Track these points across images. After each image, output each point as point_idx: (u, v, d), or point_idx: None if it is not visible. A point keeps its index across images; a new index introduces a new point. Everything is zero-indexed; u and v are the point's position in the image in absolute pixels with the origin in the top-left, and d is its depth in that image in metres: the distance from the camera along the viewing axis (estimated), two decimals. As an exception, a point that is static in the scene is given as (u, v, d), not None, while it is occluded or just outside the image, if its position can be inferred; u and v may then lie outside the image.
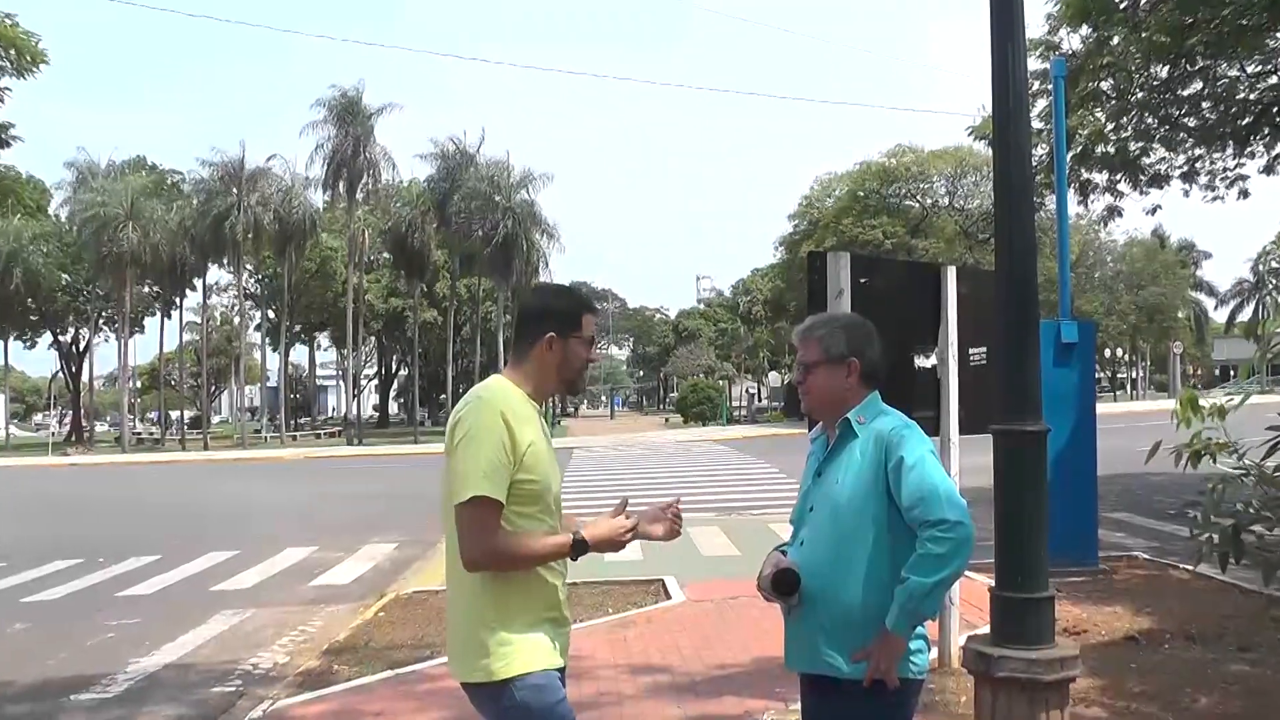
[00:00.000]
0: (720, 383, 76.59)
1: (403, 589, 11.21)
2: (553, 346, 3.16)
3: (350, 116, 54.09)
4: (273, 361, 72.43)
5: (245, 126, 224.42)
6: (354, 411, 60.02)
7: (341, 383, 77.63)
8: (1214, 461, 5.22)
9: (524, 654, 3.01)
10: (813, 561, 3.16)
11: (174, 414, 73.82)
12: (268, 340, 67.72)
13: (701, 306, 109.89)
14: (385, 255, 66.00)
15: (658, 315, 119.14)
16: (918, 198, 56.62)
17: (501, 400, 3.04)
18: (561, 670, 3.12)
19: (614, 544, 3.19)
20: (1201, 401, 5.09)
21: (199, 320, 66.81)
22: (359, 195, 56.37)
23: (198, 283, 61.94)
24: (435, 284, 66.32)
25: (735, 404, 78.47)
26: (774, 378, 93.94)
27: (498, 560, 2.99)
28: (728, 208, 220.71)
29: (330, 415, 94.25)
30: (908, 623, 3.02)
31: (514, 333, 3.32)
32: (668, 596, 9.96)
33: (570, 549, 3.07)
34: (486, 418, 2.99)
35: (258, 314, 70.47)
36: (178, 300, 64.05)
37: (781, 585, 3.15)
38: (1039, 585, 4.00)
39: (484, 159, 57.12)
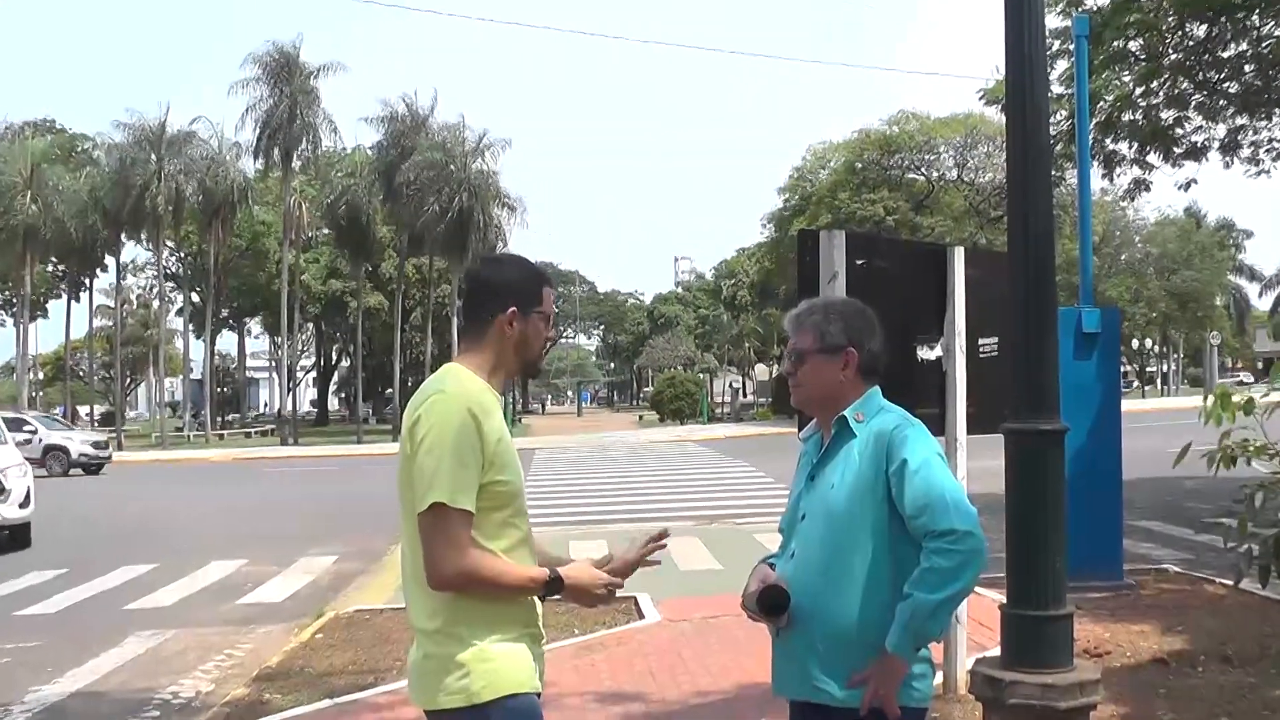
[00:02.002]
0: (700, 376, 76.76)
1: (343, 607, 11.16)
2: (513, 324, 3.13)
3: (287, 75, 53.84)
4: (197, 351, 72.10)
5: (168, 88, 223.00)
6: (289, 407, 59.76)
7: (275, 375, 77.36)
8: (1249, 464, 5.25)
9: (509, 672, 2.97)
10: (804, 576, 3.16)
11: (83, 409, 73.30)
12: (191, 327, 67.27)
13: (680, 291, 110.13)
14: (325, 231, 65.69)
15: (631, 300, 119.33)
16: (922, 170, 56.72)
17: (466, 393, 3.00)
18: (539, 696, 3.10)
19: (589, 597, 3.15)
20: (1235, 397, 5.11)
21: (111, 304, 66.34)
22: (296, 163, 56.14)
23: (110, 261, 61.52)
24: (381, 264, 66.07)
25: (717, 400, 78.61)
26: (761, 370, 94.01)
27: (468, 581, 2.94)
28: (710, 180, 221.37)
29: (262, 411, 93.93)
30: (910, 644, 3.02)
31: (464, 312, 3.28)
32: (641, 616, 9.93)
33: (544, 586, 3.03)
34: (452, 415, 2.95)
35: (179, 297, 70.05)
36: (87, 281, 63.59)
37: (768, 602, 3.14)
38: (1056, 602, 4.03)
39: (437, 123, 57.00)
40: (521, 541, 3.09)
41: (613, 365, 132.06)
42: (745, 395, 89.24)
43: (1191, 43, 16.93)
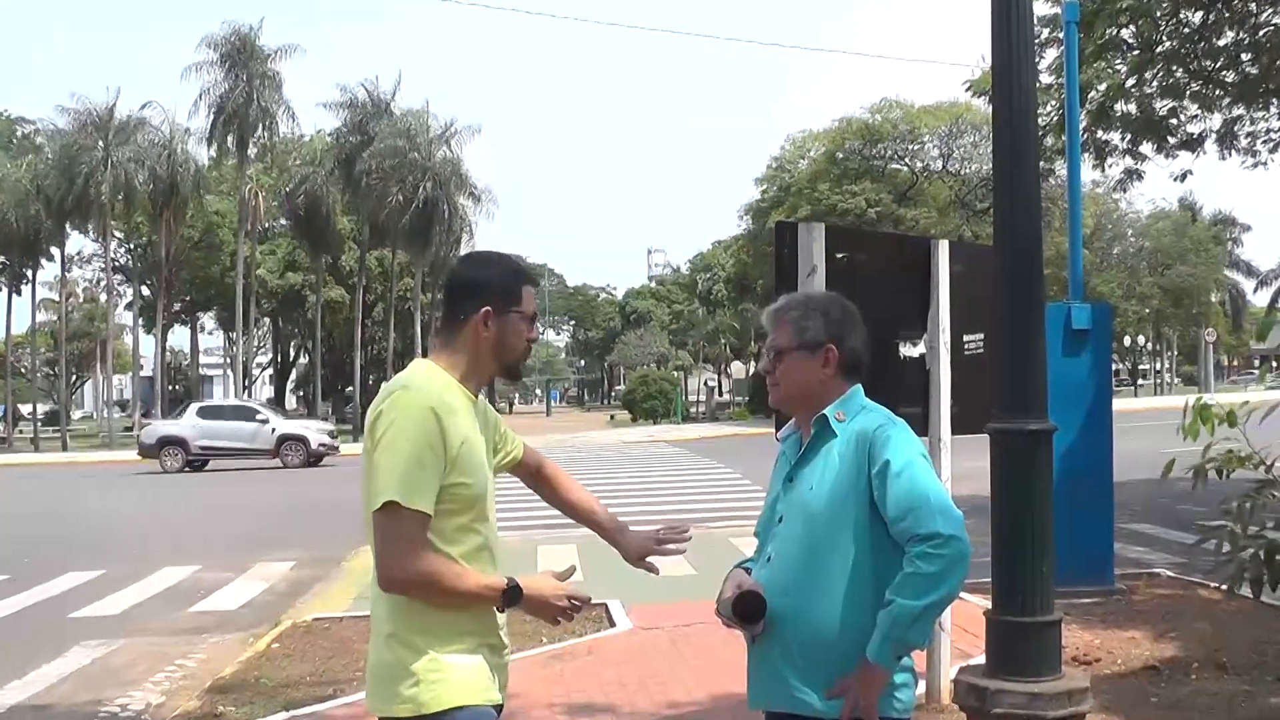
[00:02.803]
0: (675, 374, 76.81)
1: (301, 615, 11.11)
2: (489, 324, 3.12)
3: (243, 58, 53.55)
4: (147, 346, 71.78)
5: (117, 72, 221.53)
6: (244, 406, 59.46)
7: (229, 372, 76.82)
8: (1224, 477, 5.25)
9: (459, 684, 2.98)
10: (782, 581, 3.16)
11: (25, 408, 72.71)
12: (141, 321, 66.88)
13: (653, 285, 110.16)
14: (282, 222, 65.50)
15: (602, 295, 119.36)
16: (906, 160, 56.99)
17: (429, 391, 3.01)
18: (499, 709, 3.10)
19: (548, 610, 3.14)
20: (1216, 403, 5.11)
21: (56, 297, 65.85)
22: (252, 151, 55.87)
23: (55, 252, 61.04)
24: (341, 256, 65.85)
25: (692, 399, 78.69)
26: (738, 368, 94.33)
27: (419, 585, 2.94)
28: (686, 171, 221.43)
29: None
30: (892, 652, 3.02)
31: (442, 310, 3.29)
32: (611, 623, 9.97)
33: (501, 596, 3.03)
34: (413, 412, 2.95)
35: (129, 290, 69.63)
36: (29, 273, 63.09)
37: (744, 609, 3.15)
38: (1043, 607, 4.05)
39: (400, 109, 56.83)
40: (483, 547, 3.09)
41: (583, 362, 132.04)
42: (721, 394, 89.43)
43: (1186, 30, 16.97)
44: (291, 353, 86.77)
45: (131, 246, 68.15)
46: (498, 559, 3.15)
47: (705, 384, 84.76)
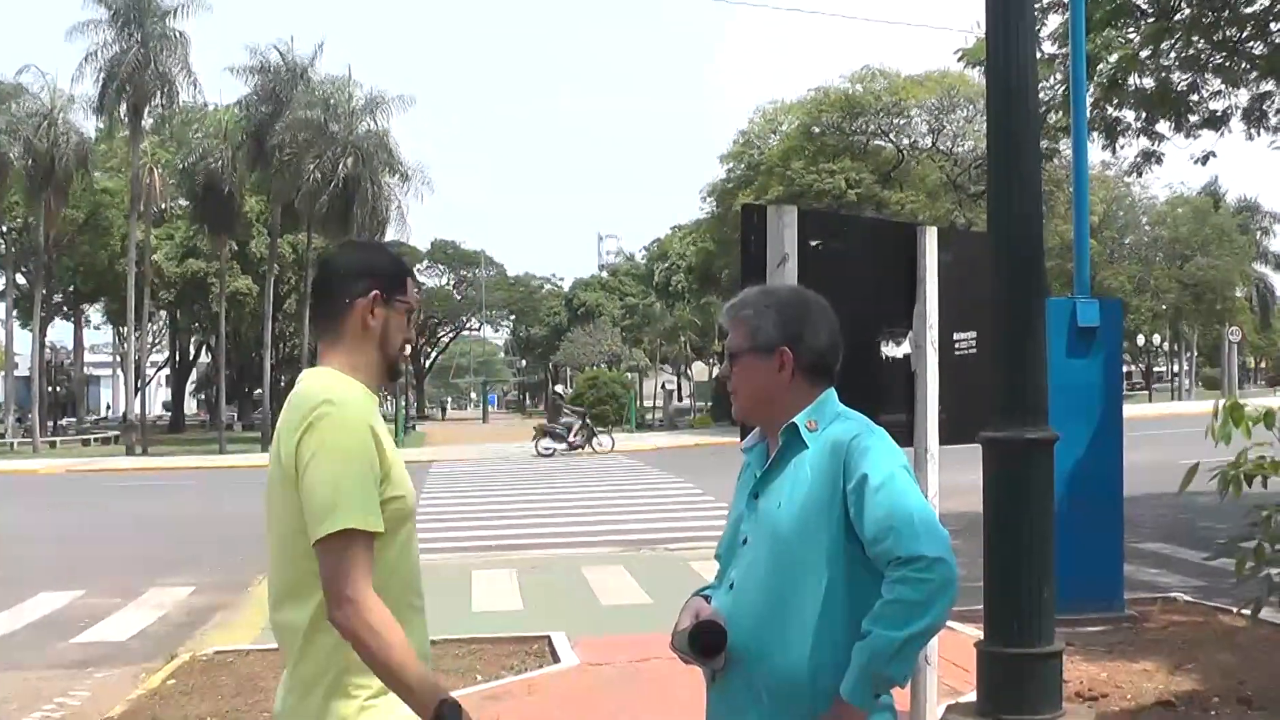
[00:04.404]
0: (628, 376, 76.75)
1: (201, 648, 11.06)
2: (375, 312, 3.17)
3: (138, 15, 53.04)
4: (22, 342, 71.00)
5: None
6: (137, 410, 58.97)
7: (120, 372, 76.23)
8: (1265, 485, 5.29)
9: None
10: (746, 610, 3.17)
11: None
12: (15, 314, 66.21)
13: (604, 275, 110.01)
14: (181, 202, 64.86)
15: (546, 286, 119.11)
16: (891, 136, 57.12)
17: (356, 400, 3.06)
18: None
19: None
20: (1249, 408, 5.15)
21: (-82, 286, 65.10)
22: (147, 122, 55.32)
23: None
24: (250, 242, 65.45)
25: (647, 404, 78.74)
26: (699, 369, 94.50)
27: (371, 618, 2.90)
28: (642, 147, 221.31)
29: (104, 415, 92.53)
30: (869, 690, 3.02)
31: (318, 304, 3.31)
32: (555, 659, 9.96)
33: (436, 705, 2.94)
34: (352, 428, 2.99)
35: (1, 278, 68.90)
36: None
37: (703, 642, 3.15)
38: (1042, 637, 4.07)
39: (319, 76, 56.50)
40: (418, 572, 3.15)
41: (524, 362, 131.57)
42: (680, 398, 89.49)
43: (1209, -5, 17.04)
44: (192, 350, 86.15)
45: (5, 230, 67.37)
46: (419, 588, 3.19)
47: (662, 387, 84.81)
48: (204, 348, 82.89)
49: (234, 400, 75.76)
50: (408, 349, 3.31)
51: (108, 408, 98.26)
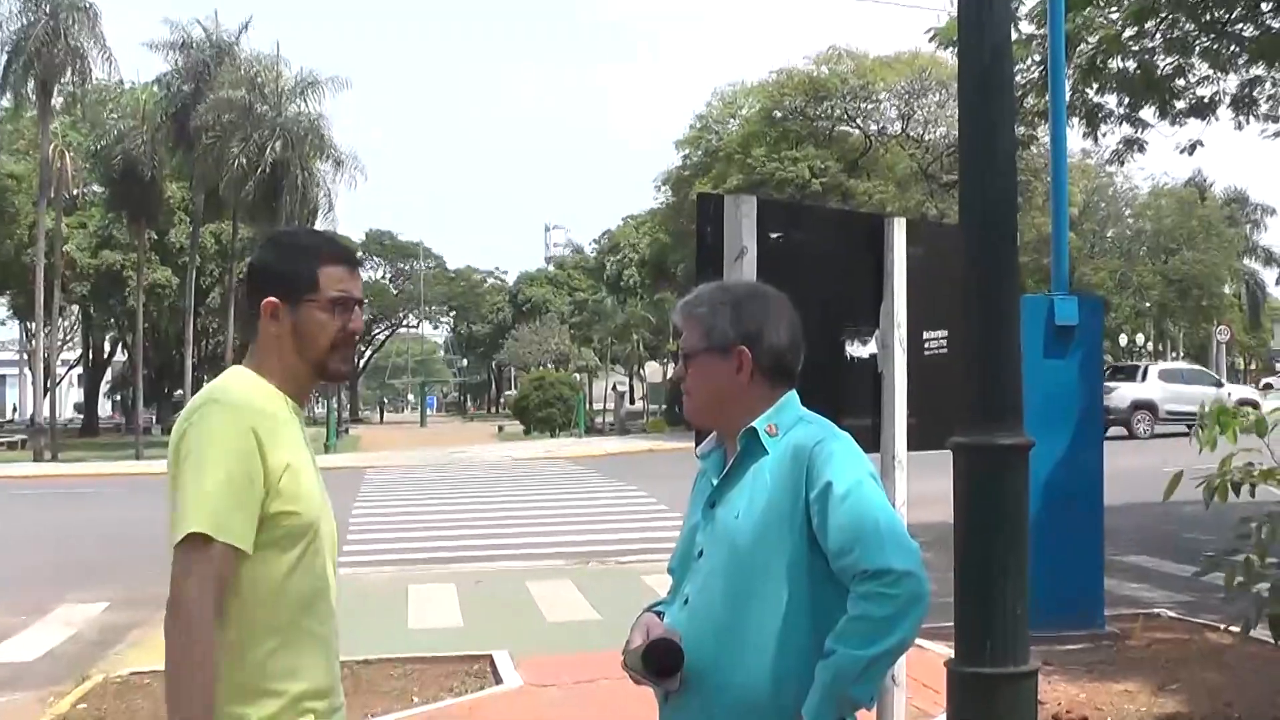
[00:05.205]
0: (577, 377, 76.75)
1: (115, 669, 10.96)
2: (277, 316, 3.14)
3: (47, -16, 52.69)
4: (-75, 339, 70.31)
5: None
6: (46, 413, 58.52)
7: (28, 371, 75.68)
8: (1245, 494, 5.31)
9: None
10: (702, 627, 3.16)
11: None
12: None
13: (552, 269, 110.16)
14: (95, 188, 64.47)
15: (490, 280, 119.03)
16: (858, 122, 57.35)
17: (245, 402, 3.02)
18: None
19: None
20: (1240, 411, 5.17)
21: None
22: (57, 101, 54.87)
23: None
24: (170, 231, 65.08)
25: (597, 406, 78.72)
26: (653, 370, 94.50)
27: (173, 628, 2.91)
28: (591, 133, 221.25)
29: (10, 418, 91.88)
30: (833, 711, 3.02)
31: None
32: (498, 679, 9.94)
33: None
34: (228, 428, 2.96)
35: (-103, 269, 68.33)
36: None
37: (657, 661, 3.14)
38: (1017, 656, 4.08)
39: (246, 53, 56.23)
40: (320, 594, 3.09)
41: (466, 362, 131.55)
42: (633, 401, 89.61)
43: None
44: (107, 348, 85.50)
45: (-99, 216, 66.85)
46: (334, 610, 3.15)
47: (614, 389, 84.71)
48: (120, 345, 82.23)
49: (152, 402, 75.14)
50: (350, 342, 3.21)
51: (14, 410, 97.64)
